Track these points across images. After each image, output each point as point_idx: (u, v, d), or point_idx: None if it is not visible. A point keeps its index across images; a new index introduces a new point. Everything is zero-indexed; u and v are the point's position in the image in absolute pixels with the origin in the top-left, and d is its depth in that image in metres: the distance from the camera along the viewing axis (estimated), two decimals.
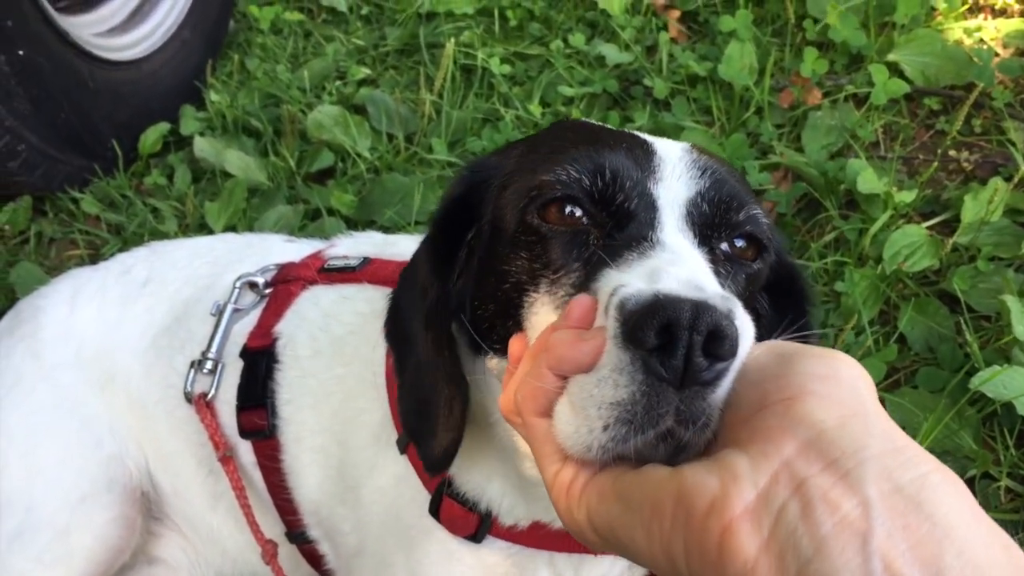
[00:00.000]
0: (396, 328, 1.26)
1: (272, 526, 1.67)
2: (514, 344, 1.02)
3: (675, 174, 1.10)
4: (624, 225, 1.04)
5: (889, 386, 2.04)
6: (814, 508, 0.66)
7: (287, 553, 1.69)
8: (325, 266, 1.66)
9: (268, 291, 1.68)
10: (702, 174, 1.11)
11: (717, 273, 1.03)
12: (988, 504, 1.85)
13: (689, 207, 1.07)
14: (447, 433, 1.16)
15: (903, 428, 1.89)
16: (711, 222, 1.07)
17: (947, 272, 2.21)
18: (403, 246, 1.69)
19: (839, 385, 0.75)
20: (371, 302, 1.56)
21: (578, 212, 1.05)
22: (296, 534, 1.64)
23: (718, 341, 0.79)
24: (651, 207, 1.05)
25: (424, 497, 1.34)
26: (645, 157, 1.11)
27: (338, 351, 1.55)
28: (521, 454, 1.19)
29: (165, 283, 1.82)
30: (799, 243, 2.33)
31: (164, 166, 2.90)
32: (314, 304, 1.62)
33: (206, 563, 1.84)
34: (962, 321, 2.05)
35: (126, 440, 1.74)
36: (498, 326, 1.11)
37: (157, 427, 1.74)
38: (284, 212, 2.64)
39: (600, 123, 1.29)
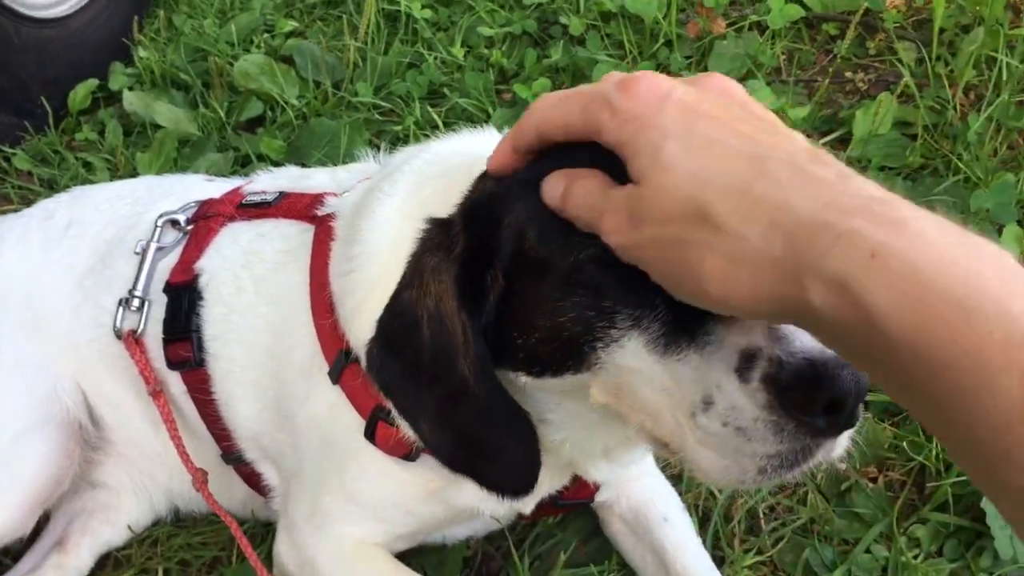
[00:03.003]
0: (397, 372, 1.19)
1: (206, 452, 1.75)
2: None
3: None
4: None
5: None
6: None
7: (223, 476, 1.77)
8: (243, 202, 1.72)
9: (189, 228, 1.74)
10: None
11: None
12: None
13: None
14: (524, 463, 1.19)
15: None
16: None
17: None
18: (318, 179, 1.74)
19: None
20: (288, 239, 1.61)
21: None
22: (233, 456, 1.73)
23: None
24: None
25: (359, 422, 1.41)
26: None
27: (262, 289, 1.61)
28: None
29: (87, 225, 1.87)
30: None
31: (95, 122, 2.95)
32: (233, 241, 1.67)
33: (152, 481, 1.91)
34: None
35: (61, 378, 1.81)
36: (553, 363, 1.11)
37: (92, 365, 1.81)
38: (215, 160, 2.71)
39: None
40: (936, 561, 1.79)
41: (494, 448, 1.19)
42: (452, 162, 1.35)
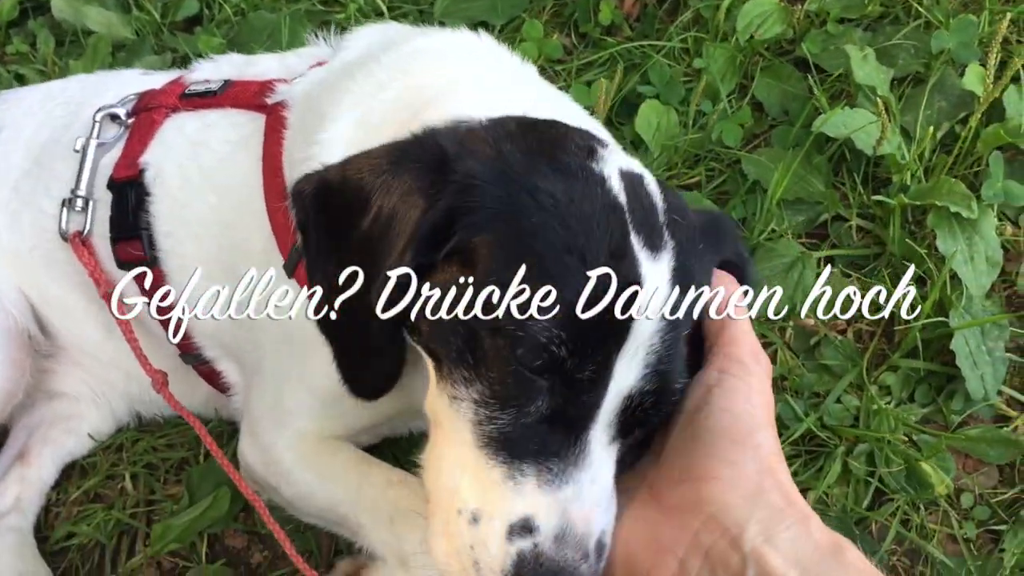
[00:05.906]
0: (321, 224, 1.18)
1: (163, 354, 1.70)
2: None
3: (636, 350, 1.05)
4: (572, 396, 1.03)
5: (748, 151, 2.12)
6: (714, 567, 0.99)
7: (183, 377, 1.73)
8: (186, 91, 1.65)
9: (130, 121, 1.66)
10: (657, 358, 1.06)
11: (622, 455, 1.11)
12: (841, 242, 1.98)
13: (627, 399, 1.06)
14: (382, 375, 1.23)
15: (760, 184, 1.96)
16: (638, 418, 1.08)
17: (802, 41, 2.28)
18: (264, 65, 1.68)
19: (743, 469, 1.03)
20: (236, 128, 1.56)
21: (541, 373, 1.03)
22: (191, 356, 1.69)
23: None
24: (601, 391, 1.04)
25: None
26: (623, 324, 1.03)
27: (210, 181, 1.56)
28: None
29: (19, 128, 1.79)
30: (658, 30, 2.37)
31: (26, 33, 2.82)
32: (179, 132, 1.61)
33: (110, 388, 1.87)
34: (811, 80, 2.13)
35: (3, 288, 1.75)
36: (427, 338, 1.11)
37: (36, 272, 1.75)
38: (152, 62, 2.59)
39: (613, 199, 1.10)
40: (908, 407, 1.79)
41: (362, 350, 1.20)
42: (438, 68, 1.35)
